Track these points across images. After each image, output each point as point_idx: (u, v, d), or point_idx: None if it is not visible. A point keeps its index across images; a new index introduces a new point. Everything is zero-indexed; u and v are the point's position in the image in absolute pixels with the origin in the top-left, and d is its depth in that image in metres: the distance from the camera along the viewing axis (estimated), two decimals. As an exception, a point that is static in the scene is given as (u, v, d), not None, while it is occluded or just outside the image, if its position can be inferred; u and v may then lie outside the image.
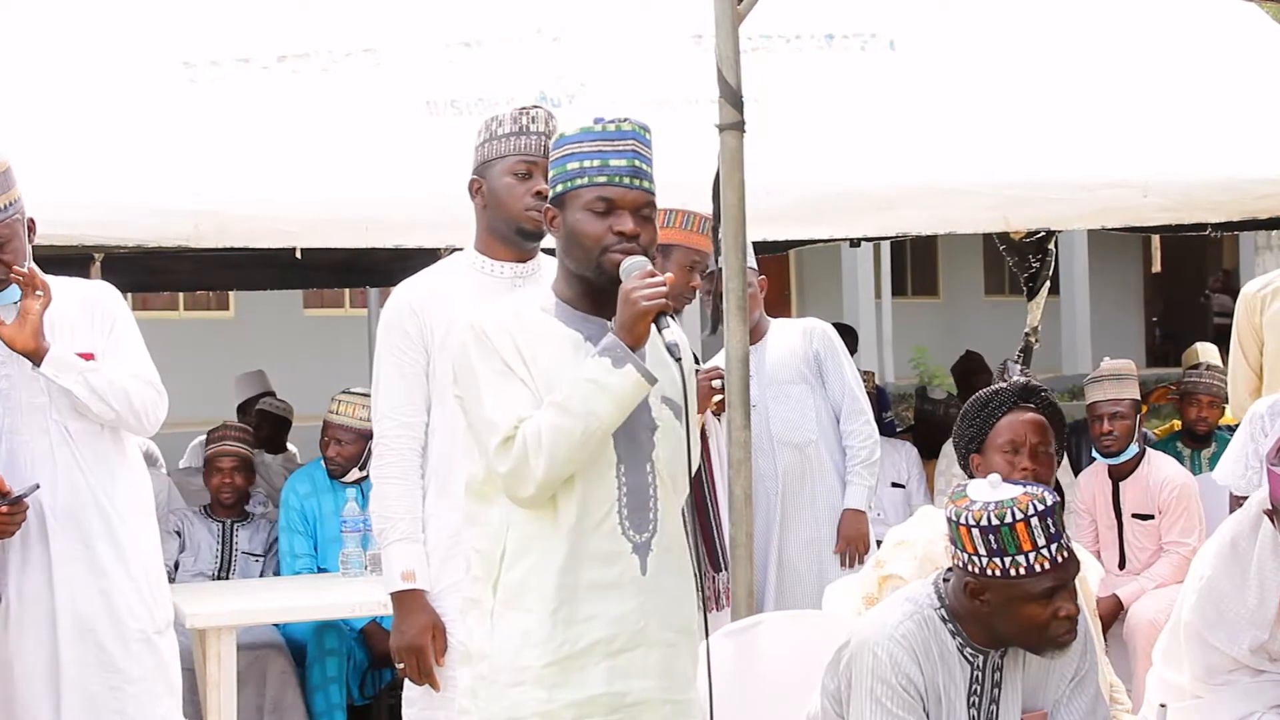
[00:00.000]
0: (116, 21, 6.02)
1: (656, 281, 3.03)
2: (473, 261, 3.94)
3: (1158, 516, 6.11)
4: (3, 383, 4.29)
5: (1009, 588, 3.30)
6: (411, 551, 3.88)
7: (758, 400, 5.42)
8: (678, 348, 3.04)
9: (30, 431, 4.31)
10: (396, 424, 3.89)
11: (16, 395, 4.30)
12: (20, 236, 4.28)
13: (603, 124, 3.13)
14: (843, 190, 5.93)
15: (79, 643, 4.31)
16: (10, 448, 4.27)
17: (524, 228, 3.86)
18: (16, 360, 4.26)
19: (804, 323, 5.74)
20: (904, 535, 3.98)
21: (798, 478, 5.55)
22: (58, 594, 4.30)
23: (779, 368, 5.57)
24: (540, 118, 3.89)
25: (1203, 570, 4.01)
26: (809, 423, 5.56)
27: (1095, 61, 6.49)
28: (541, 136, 3.85)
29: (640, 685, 3.11)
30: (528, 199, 3.83)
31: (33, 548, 4.29)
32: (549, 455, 2.99)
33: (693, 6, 5.47)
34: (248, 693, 6.02)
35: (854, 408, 5.64)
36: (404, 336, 3.88)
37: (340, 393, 6.49)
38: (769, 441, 5.52)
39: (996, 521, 3.28)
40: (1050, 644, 3.35)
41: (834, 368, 5.63)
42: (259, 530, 6.54)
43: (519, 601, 3.09)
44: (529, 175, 3.85)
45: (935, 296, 23.21)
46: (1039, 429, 3.88)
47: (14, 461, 4.26)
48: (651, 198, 3.15)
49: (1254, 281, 5.76)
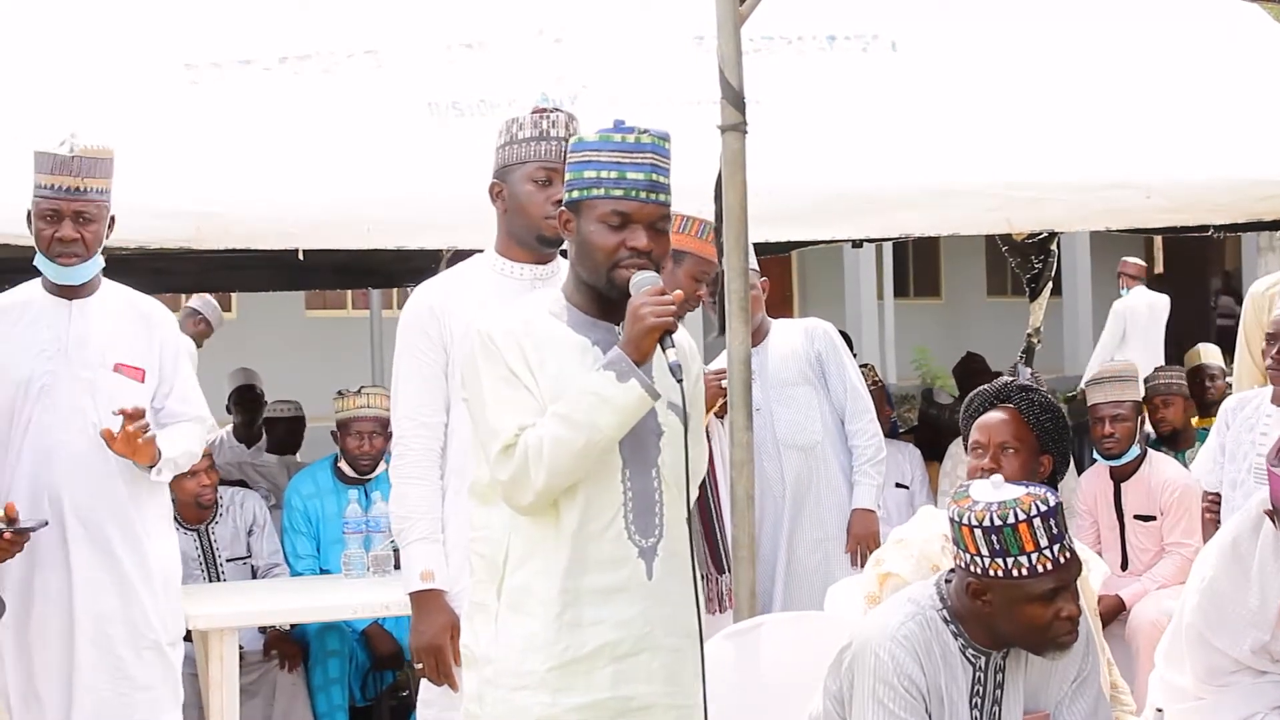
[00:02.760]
0: (118, 23, 6.02)
1: (665, 300, 3.04)
2: (492, 263, 3.95)
3: (1159, 518, 6.10)
4: (46, 378, 4.30)
5: (1011, 588, 3.30)
6: (430, 551, 3.88)
7: (761, 403, 5.40)
8: (680, 369, 3.04)
9: (68, 431, 4.32)
10: (416, 424, 3.89)
11: (58, 394, 4.31)
12: (103, 224, 4.36)
13: (622, 134, 3.12)
14: (845, 191, 5.93)
15: (94, 646, 4.33)
16: (46, 446, 4.27)
17: (544, 235, 3.87)
18: (63, 358, 4.28)
19: (805, 323, 5.72)
20: (903, 534, 3.99)
21: (805, 481, 5.50)
22: (78, 595, 4.31)
23: (782, 369, 5.54)
24: (560, 121, 3.88)
25: (1204, 571, 4.00)
26: (814, 424, 5.52)
27: (1098, 63, 6.48)
28: (561, 142, 3.84)
29: (645, 690, 3.12)
30: (548, 207, 3.83)
31: (59, 548, 4.29)
32: (549, 465, 3.00)
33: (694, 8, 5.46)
34: (256, 704, 6.02)
35: (858, 406, 5.61)
36: (423, 337, 3.89)
37: (355, 390, 6.47)
38: (774, 445, 5.48)
39: (999, 522, 3.28)
40: (1052, 645, 3.35)
41: (836, 367, 5.61)
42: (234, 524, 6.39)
43: (523, 605, 3.09)
44: (549, 183, 3.85)
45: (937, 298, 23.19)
46: (1005, 428, 3.87)
47: (49, 461, 4.26)
48: (667, 210, 3.15)
49: (1262, 280, 5.73)
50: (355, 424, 6.36)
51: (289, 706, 6.12)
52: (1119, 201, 6.09)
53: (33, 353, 4.28)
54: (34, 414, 4.26)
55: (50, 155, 4.30)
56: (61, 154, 4.29)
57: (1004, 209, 6.11)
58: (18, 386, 4.21)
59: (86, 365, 4.35)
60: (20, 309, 4.33)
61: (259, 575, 6.35)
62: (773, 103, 5.47)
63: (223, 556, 6.32)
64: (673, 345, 3.05)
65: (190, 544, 6.29)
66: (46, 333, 4.31)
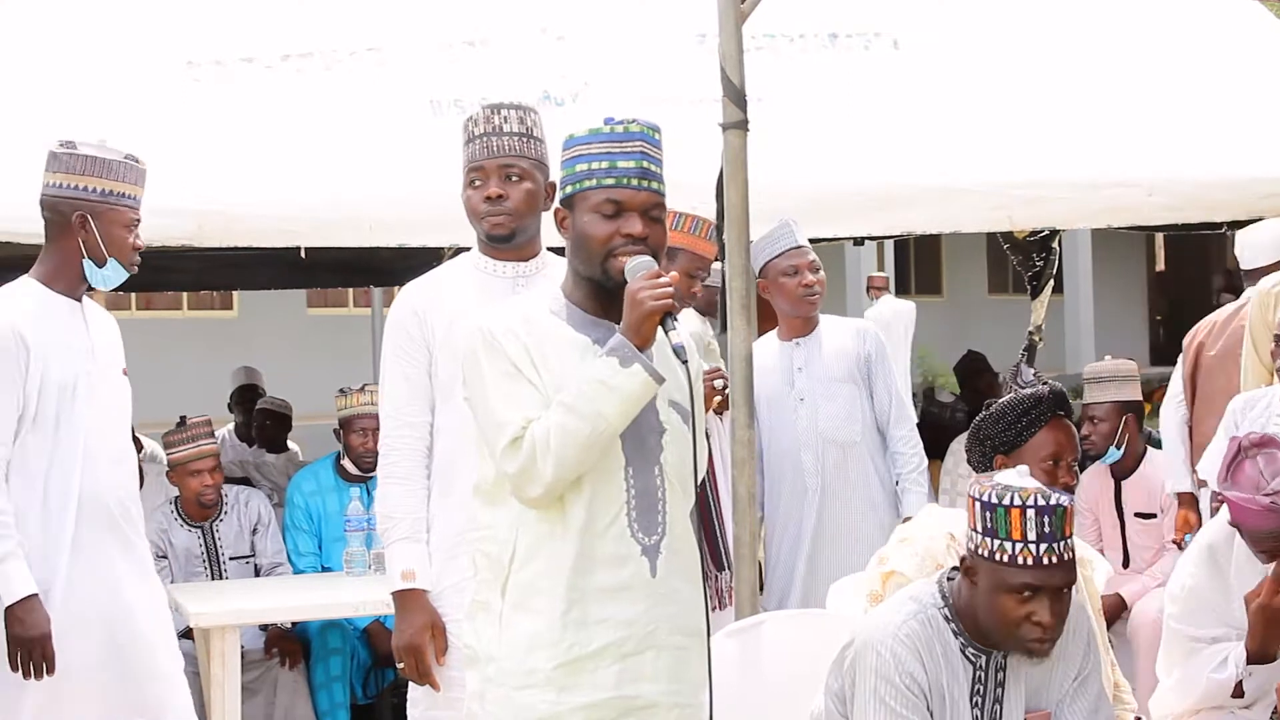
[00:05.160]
0: (120, 21, 6.02)
1: (663, 282, 3.03)
2: (476, 262, 3.96)
3: (1160, 515, 6.11)
4: (85, 379, 4.30)
5: (993, 572, 3.30)
6: (412, 551, 3.89)
7: (806, 395, 5.41)
8: (684, 350, 3.04)
9: (106, 433, 4.32)
10: (400, 424, 3.91)
11: (101, 395, 4.32)
12: None
13: (611, 125, 3.12)
14: (846, 189, 5.93)
15: (127, 631, 4.33)
16: (88, 448, 4.27)
17: (489, 233, 3.89)
18: (93, 359, 4.30)
19: (856, 323, 5.70)
20: (907, 532, 3.98)
21: (839, 478, 5.45)
22: (113, 589, 4.32)
23: (833, 364, 5.49)
24: (479, 119, 3.89)
25: (1184, 580, 4.02)
26: (855, 423, 5.46)
27: (1099, 60, 6.48)
28: (489, 138, 3.85)
29: (650, 688, 3.12)
30: (482, 206, 3.86)
31: (106, 546, 4.30)
32: (557, 456, 2.99)
33: (696, 6, 5.46)
34: (257, 702, 6.03)
35: (902, 414, 5.57)
36: (407, 338, 3.90)
37: (358, 388, 6.48)
38: (815, 437, 5.43)
39: (995, 501, 3.29)
40: (1019, 646, 3.34)
41: (883, 372, 5.55)
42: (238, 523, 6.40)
43: (528, 604, 3.09)
44: (474, 184, 3.88)
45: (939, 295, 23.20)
46: (1074, 442, 3.85)
47: (93, 463, 4.26)
48: (660, 199, 3.15)
49: (1268, 278, 5.71)
50: (358, 421, 6.37)
51: (290, 704, 6.13)
52: (1120, 199, 6.09)
53: (71, 354, 4.27)
54: (76, 415, 4.25)
55: (138, 168, 4.33)
56: (141, 167, 4.34)
57: (1006, 207, 6.10)
58: (61, 390, 4.22)
59: (110, 365, 4.38)
60: (44, 310, 4.29)
61: (262, 574, 6.34)
62: (774, 101, 5.47)
63: (226, 554, 6.32)
64: (674, 327, 3.05)
65: (194, 541, 6.30)
66: (76, 335, 4.31)
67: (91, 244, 4.26)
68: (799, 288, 5.41)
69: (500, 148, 3.85)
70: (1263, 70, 6.54)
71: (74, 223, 4.25)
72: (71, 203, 4.25)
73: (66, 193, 4.25)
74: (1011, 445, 3.84)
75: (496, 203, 3.84)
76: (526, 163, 3.86)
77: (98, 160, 4.26)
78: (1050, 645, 3.33)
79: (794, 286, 5.39)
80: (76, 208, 4.25)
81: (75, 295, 4.32)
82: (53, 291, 4.29)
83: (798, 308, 5.45)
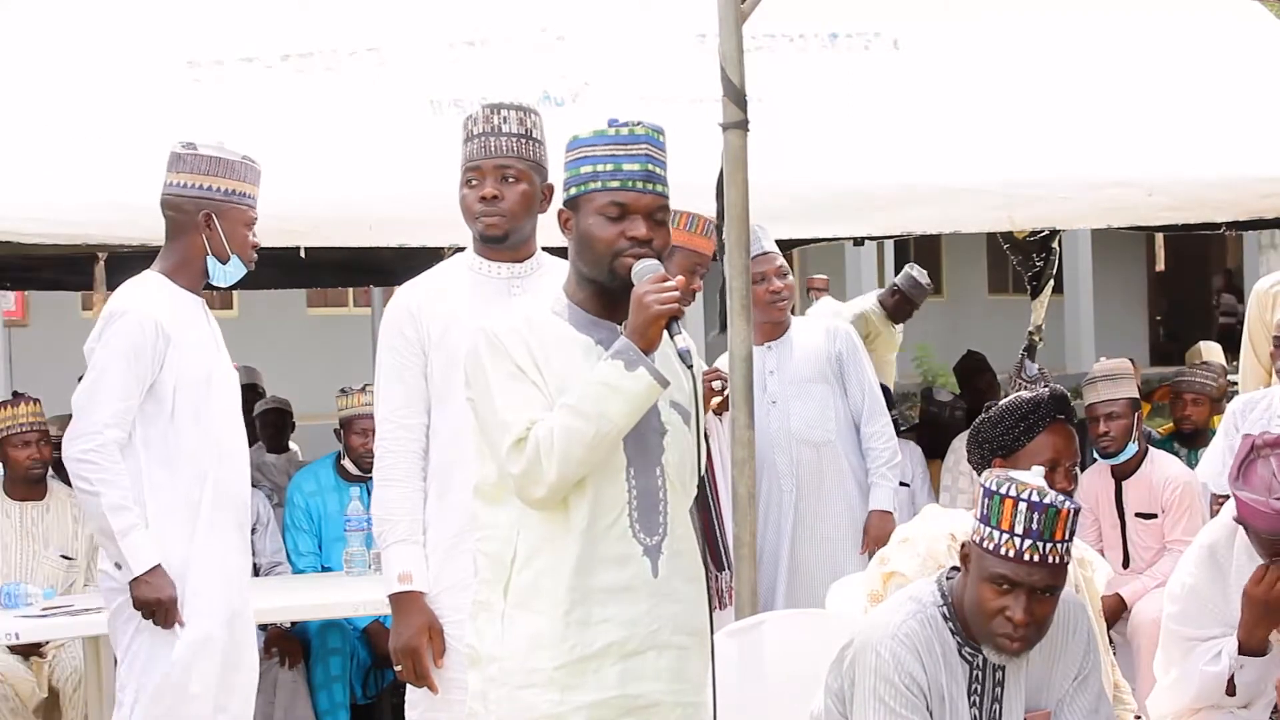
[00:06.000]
0: (120, 21, 6.03)
1: (669, 286, 3.03)
2: (470, 262, 3.96)
3: (1161, 515, 6.10)
4: (217, 371, 4.43)
5: (980, 559, 3.31)
6: (409, 553, 3.89)
7: (778, 397, 5.47)
8: (689, 354, 3.05)
9: (230, 426, 4.44)
10: (396, 426, 3.90)
11: (227, 388, 4.47)
12: None
13: (616, 127, 3.12)
14: (846, 189, 5.93)
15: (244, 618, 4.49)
16: (221, 439, 4.40)
17: (483, 234, 3.90)
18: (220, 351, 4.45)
19: (826, 323, 5.78)
20: (908, 533, 3.98)
21: (814, 477, 5.53)
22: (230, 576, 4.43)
23: (803, 365, 5.57)
24: (479, 118, 3.89)
25: (1183, 580, 4.01)
26: (829, 422, 5.55)
27: (1099, 60, 6.48)
28: (487, 138, 3.86)
29: (652, 688, 3.12)
30: (477, 206, 3.87)
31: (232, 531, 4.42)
32: (561, 457, 3.00)
33: (696, 5, 5.46)
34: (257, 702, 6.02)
35: (875, 409, 5.65)
36: (402, 340, 3.90)
37: (358, 388, 6.48)
38: (787, 438, 5.52)
39: (994, 488, 3.30)
40: (990, 639, 3.33)
41: (855, 370, 5.63)
42: None
43: (530, 604, 3.09)
44: (470, 183, 3.88)
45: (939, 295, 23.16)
46: (1073, 447, 3.83)
47: (226, 453, 4.39)
48: (665, 201, 3.15)
49: (1266, 278, 5.71)
50: (358, 421, 6.37)
51: (290, 704, 6.13)
52: (1121, 199, 6.09)
53: (202, 348, 4.40)
54: (212, 407, 4.37)
55: (255, 168, 4.43)
56: (258, 168, 4.44)
57: (1005, 207, 6.11)
58: (197, 383, 4.33)
59: (227, 359, 4.54)
60: (177, 304, 4.37)
61: (261, 573, 6.34)
62: (774, 100, 5.47)
63: None
64: (680, 331, 3.05)
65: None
66: (203, 329, 4.42)
67: (215, 241, 4.38)
68: (766, 294, 5.48)
69: (497, 148, 3.85)
70: (1263, 70, 6.53)
71: (199, 221, 4.36)
72: (196, 201, 4.37)
73: (191, 192, 4.37)
74: (1009, 449, 3.80)
75: (491, 203, 3.84)
76: (523, 164, 3.86)
77: (220, 160, 4.38)
78: (1021, 646, 3.32)
79: (761, 293, 5.42)
80: (201, 206, 4.37)
81: (197, 290, 4.44)
82: (179, 286, 4.39)
83: (765, 313, 5.50)
